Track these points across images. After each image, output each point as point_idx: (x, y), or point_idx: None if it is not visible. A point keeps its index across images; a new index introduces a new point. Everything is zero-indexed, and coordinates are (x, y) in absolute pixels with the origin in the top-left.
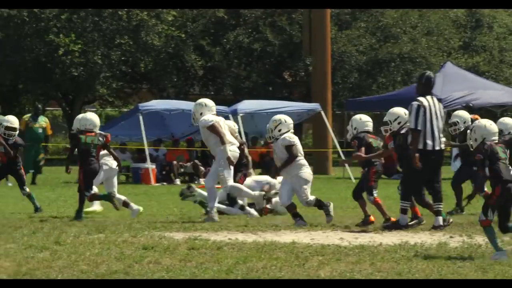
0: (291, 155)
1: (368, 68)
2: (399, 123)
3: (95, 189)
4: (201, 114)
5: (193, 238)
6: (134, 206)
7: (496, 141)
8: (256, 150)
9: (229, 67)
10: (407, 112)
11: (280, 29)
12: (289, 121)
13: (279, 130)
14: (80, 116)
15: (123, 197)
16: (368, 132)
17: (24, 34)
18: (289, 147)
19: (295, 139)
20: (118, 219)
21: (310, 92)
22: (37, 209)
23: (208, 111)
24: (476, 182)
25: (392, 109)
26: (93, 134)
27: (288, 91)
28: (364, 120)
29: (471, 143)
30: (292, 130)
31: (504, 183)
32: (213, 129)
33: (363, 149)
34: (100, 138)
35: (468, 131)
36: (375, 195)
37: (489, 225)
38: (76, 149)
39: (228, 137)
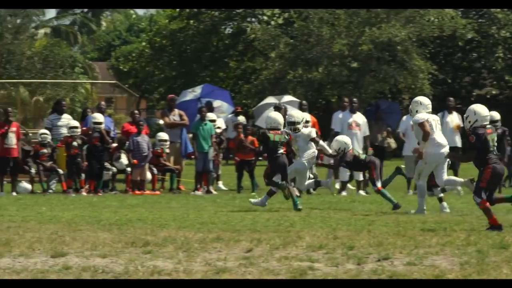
0: None
1: None
2: None
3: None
4: (416, 111)
5: None
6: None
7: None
8: None
9: None
10: None
11: None
12: None
13: None
14: (266, 115)
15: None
16: None
17: None
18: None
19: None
20: None
21: None
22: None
23: (423, 109)
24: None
25: None
26: (279, 132)
27: None
28: None
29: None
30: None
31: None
32: (422, 126)
33: None
34: (286, 136)
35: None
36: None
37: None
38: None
39: (438, 137)
